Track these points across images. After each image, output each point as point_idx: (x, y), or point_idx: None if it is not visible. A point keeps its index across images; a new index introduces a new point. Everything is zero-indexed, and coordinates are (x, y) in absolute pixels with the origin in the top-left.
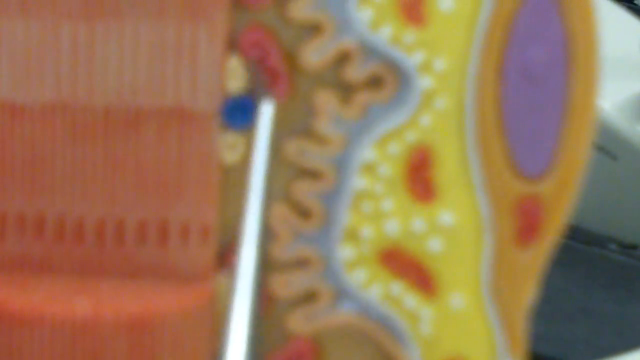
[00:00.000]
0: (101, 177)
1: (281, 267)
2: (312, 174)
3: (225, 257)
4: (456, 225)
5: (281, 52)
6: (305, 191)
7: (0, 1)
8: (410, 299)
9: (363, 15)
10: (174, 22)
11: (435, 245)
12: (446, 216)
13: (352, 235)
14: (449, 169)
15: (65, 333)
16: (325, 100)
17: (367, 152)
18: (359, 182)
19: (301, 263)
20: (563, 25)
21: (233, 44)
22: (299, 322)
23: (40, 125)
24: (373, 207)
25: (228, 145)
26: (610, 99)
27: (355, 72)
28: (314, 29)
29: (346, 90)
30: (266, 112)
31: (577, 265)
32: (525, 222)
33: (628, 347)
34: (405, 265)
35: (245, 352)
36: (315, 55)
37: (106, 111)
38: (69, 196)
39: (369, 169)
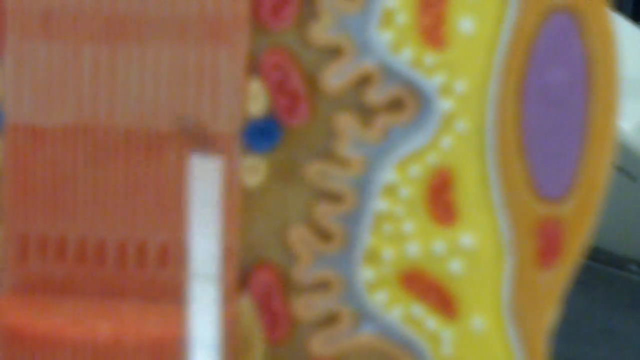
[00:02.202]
0: (122, 199)
1: (302, 289)
2: (333, 197)
3: (247, 278)
4: (477, 247)
5: (302, 74)
6: (326, 213)
7: (23, 24)
8: (431, 320)
9: (384, 38)
10: (195, 45)
11: (456, 267)
12: (467, 238)
13: (373, 258)
14: (470, 191)
15: (87, 356)
16: (346, 123)
17: (387, 174)
18: (379, 204)
19: (322, 285)
20: (583, 48)
21: (254, 67)
22: (320, 345)
23: (61, 147)
24: (394, 229)
25: (249, 168)
26: (630, 120)
27: (376, 94)
28: (334, 52)
29: (367, 113)
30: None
31: (598, 286)
32: (546, 243)
33: None
34: (426, 287)
35: None
36: (335, 78)
37: (127, 133)
38: (91, 218)
39: (390, 191)
